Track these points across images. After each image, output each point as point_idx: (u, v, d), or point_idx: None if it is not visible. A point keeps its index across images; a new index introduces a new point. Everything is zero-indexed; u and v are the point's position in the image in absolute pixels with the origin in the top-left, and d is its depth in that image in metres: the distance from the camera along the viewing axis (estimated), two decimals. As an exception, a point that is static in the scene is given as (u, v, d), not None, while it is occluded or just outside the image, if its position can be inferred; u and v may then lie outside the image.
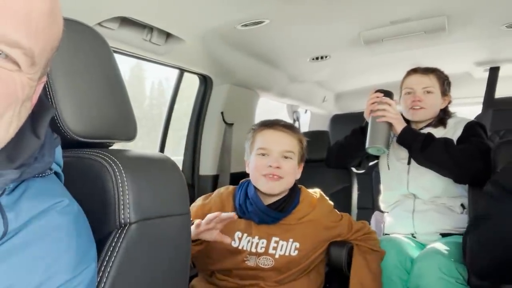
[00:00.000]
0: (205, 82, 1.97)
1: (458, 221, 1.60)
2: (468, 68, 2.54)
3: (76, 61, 0.68)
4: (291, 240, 1.23)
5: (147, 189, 0.61)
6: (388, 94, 1.61)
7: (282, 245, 1.22)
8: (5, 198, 0.45)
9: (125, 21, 1.24)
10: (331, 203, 1.36)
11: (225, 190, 1.35)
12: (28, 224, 0.44)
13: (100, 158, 0.61)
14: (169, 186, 0.67)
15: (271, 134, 1.24)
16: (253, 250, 1.22)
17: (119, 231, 0.56)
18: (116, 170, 0.59)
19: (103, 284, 0.52)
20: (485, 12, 1.57)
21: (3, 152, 0.46)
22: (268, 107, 3.06)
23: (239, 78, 2.02)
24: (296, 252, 1.22)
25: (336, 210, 1.36)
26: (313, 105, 3.07)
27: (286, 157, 1.24)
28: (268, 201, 1.26)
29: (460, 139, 1.59)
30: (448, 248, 1.43)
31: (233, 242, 1.24)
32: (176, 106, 1.92)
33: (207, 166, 2.04)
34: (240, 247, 1.24)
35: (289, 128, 1.27)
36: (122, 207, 0.57)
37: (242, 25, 1.41)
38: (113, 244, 0.55)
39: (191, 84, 2.03)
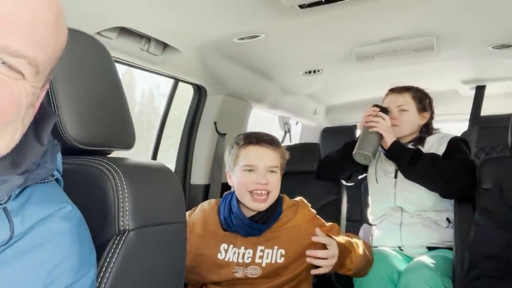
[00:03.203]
0: (199, 92, 2.00)
1: (444, 235, 1.64)
2: (455, 86, 2.61)
3: (78, 70, 0.70)
4: (276, 247, 1.24)
5: (145, 197, 0.63)
6: (384, 110, 1.66)
7: (267, 253, 1.24)
8: (11, 203, 0.46)
9: (124, 31, 1.26)
10: (313, 211, 1.37)
11: (207, 205, 1.36)
12: (33, 229, 0.46)
13: (100, 165, 0.63)
14: (167, 195, 0.69)
15: (257, 150, 1.26)
16: (240, 260, 1.23)
17: (118, 238, 0.58)
18: (117, 178, 0.61)
19: (102, 290, 0.53)
20: (472, 33, 1.64)
21: (7, 158, 0.47)
22: (259, 118, 3.09)
23: (233, 89, 2.04)
24: (282, 259, 1.23)
25: (319, 217, 1.37)
26: (305, 118, 3.12)
27: (271, 171, 1.27)
28: (251, 213, 1.27)
29: (444, 154, 1.63)
30: (434, 262, 1.46)
31: (219, 255, 1.24)
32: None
33: (198, 176, 2.05)
34: (226, 259, 1.24)
35: (273, 143, 1.29)
36: (121, 214, 0.59)
37: (239, 39, 1.44)
38: (112, 250, 0.56)
39: (182, 92, 2.04)
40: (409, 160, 1.57)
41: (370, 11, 1.28)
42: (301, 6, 1.09)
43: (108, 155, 0.77)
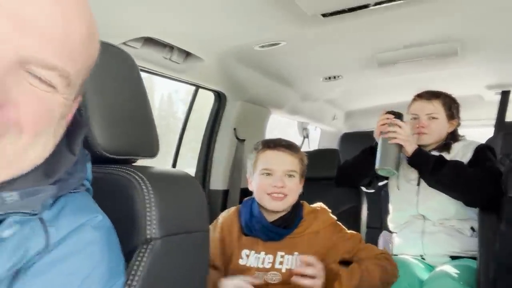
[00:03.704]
0: (219, 98, 2.02)
1: (468, 244, 1.60)
2: (479, 91, 2.56)
3: (107, 81, 0.72)
4: (296, 253, 1.25)
5: (171, 206, 0.64)
6: (398, 116, 1.62)
7: (287, 259, 1.25)
8: (46, 213, 0.48)
9: (148, 40, 1.29)
10: (334, 217, 1.36)
11: (227, 213, 1.37)
12: (66, 239, 0.47)
13: (128, 174, 0.65)
14: (191, 203, 0.70)
15: (274, 154, 1.29)
16: (260, 266, 1.25)
17: (145, 246, 0.59)
18: (144, 187, 0.62)
19: (129, 298, 0.55)
20: (497, 39, 1.60)
21: (40, 168, 0.49)
22: (277, 123, 3.10)
23: (252, 95, 2.06)
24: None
25: (339, 223, 1.36)
26: (323, 123, 3.10)
27: (289, 176, 1.28)
28: (273, 217, 1.29)
29: (470, 162, 1.60)
30: (457, 271, 1.43)
31: (241, 260, 1.26)
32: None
33: (218, 181, 2.07)
34: (248, 265, 1.25)
35: (291, 148, 1.31)
36: (149, 223, 0.60)
37: (260, 46, 1.46)
38: (139, 259, 0.58)
39: (202, 99, 2.06)
40: (432, 168, 1.54)
41: (393, 18, 1.27)
42: (324, 15, 1.10)
43: (133, 163, 0.80)
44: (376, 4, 1.05)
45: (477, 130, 3.21)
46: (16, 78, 0.42)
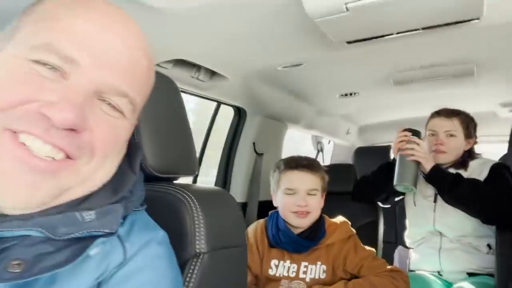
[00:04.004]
0: (239, 114, 2.08)
1: (485, 261, 1.62)
2: (494, 108, 2.59)
3: (155, 105, 0.79)
4: (319, 263, 1.32)
5: (216, 222, 0.70)
6: (416, 133, 1.66)
7: (311, 269, 1.31)
8: (120, 230, 0.54)
9: (178, 61, 1.36)
10: (353, 230, 1.41)
11: (255, 228, 1.43)
12: (137, 253, 0.53)
13: (177, 193, 0.71)
14: (231, 219, 0.76)
15: (297, 175, 1.35)
16: (285, 274, 1.32)
17: (195, 260, 0.65)
18: (192, 204, 0.68)
19: (184, 309, 0.60)
20: (511, 59, 1.65)
21: (109, 186, 0.55)
22: (292, 136, 3.15)
23: (271, 111, 2.12)
24: (325, 274, 1.31)
25: (357, 238, 1.39)
26: (337, 137, 3.15)
27: (311, 194, 1.35)
28: (297, 231, 1.36)
29: (486, 180, 1.63)
30: (476, 288, 1.45)
31: (270, 270, 1.34)
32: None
33: (236, 194, 2.12)
34: (277, 275, 1.33)
35: (312, 167, 1.37)
36: (197, 237, 0.66)
37: (283, 67, 1.52)
38: (190, 272, 0.63)
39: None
40: (449, 185, 1.57)
41: (411, 42, 1.32)
42: (348, 42, 1.16)
43: (174, 181, 0.86)
44: (398, 32, 1.11)
45: (491, 146, 3.23)
46: (91, 106, 0.49)
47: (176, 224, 0.67)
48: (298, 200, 1.32)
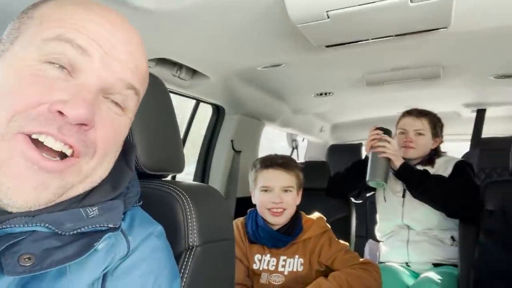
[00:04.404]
0: (218, 112, 2.12)
1: (449, 252, 1.75)
2: (457, 109, 2.74)
3: (145, 105, 0.81)
4: (296, 256, 1.39)
5: (206, 216, 0.74)
6: (387, 132, 1.76)
7: (289, 262, 1.38)
8: (123, 225, 0.57)
9: (161, 60, 1.38)
10: (328, 225, 1.49)
11: (237, 226, 1.48)
12: (139, 246, 0.56)
13: (168, 189, 0.74)
14: (220, 214, 0.79)
15: (272, 173, 1.41)
16: (265, 267, 1.39)
17: (188, 253, 0.68)
18: (184, 200, 0.72)
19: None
20: (476, 65, 1.77)
21: (109, 182, 0.58)
22: (267, 134, 3.21)
23: (249, 109, 2.17)
24: (302, 267, 1.38)
25: (331, 232, 1.47)
26: (311, 135, 3.24)
27: (286, 191, 1.40)
28: (276, 227, 1.42)
29: (450, 176, 1.74)
30: (441, 278, 1.56)
31: (254, 265, 1.40)
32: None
33: (214, 190, 2.15)
34: (260, 268, 1.40)
35: (286, 165, 1.43)
36: (190, 231, 0.69)
37: (263, 67, 1.57)
38: (184, 264, 0.67)
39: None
40: (417, 181, 1.68)
41: (384, 46, 1.40)
42: (327, 46, 1.22)
43: (163, 178, 0.88)
44: (373, 38, 1.19)
45: (455, 144, 3.42)
46: (97, 104, 0.51)
47: (169, 219, 0.71)
48: (273, 197, 1.38)
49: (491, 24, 1.20)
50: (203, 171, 2.15)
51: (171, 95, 1.73)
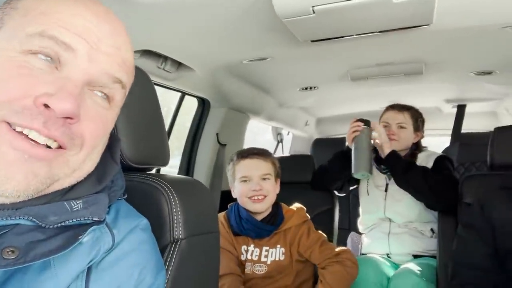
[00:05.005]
0: (203, 105, 2.11)
1: (429, 244, 1.80)
2: (438, 104, 2.81)
3: (130, 98, 0.81)
4: (278, 246, 1.44)
5: (191, 210, 0.74)
6: (367, 123, 1.79)
7: (272, 252, 1.43)
8: (108, 218, 0.57)
9: (146, 51, 1.37)
10: (308, 215, 1.53)
11: (220, 220, 1.50)
12: (125, 239, 0.56)
13: (153, 182, 0.74)
14: (205, 207, 0.80)
15: (249, 162, 1.45)
16: (249, 257, 1.43)
17: (173, 245, 0.69)
18: (169, 193, 0.72)
19: (164, 290, 0.64)
20: (457, 62, 1.82)
21: (94, 175, 0.57)
22: (251, 127, 3.22)
23: (235, 103, 2.17)
24: (283, 256, 1.42)
25: (311, 222, 1.52)
26: (296, 129, 3.26)
27: (264, 179, 1.44)
28: (259, 217, 1.46)
29: (431, 170, 1.79)
30: (420, 269, 1.61)
31: (242, 256, 1.44)
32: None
33: (200, 184, 2.15)
34: (244, 259, 1.44)
35: (262, 154, 1.48)
36: (175, 224, 0.70)
37: (248, 61, 1.57)
38: (170, 256, 0.67)
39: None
40: (403, 169, 1.72)
41: (368, 42, 1.42)
42: (313, 41, 1.23)
43: (148, 171, 0.88)
44: (357, 34, 1.20)
45: (435, 139, 3.50)
46: (83, 97, 0.51)
47: (154, 212, 0.71)
48: (253, 185, 1.42)
49: (472, 22, 1.24)
50: (188, 164, 2.15)
51: (156, 87, 1.73)
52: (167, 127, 2.05)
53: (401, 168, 1.73)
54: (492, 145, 1.52)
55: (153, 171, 0.93)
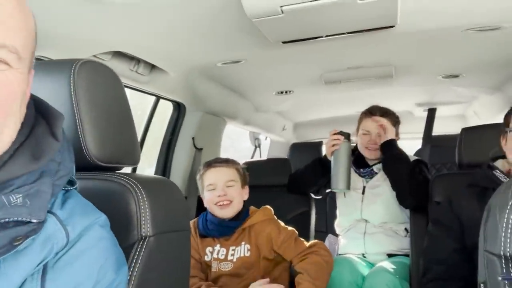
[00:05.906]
0: (179, 109, 2.10)
1: (402, 243, 1.84)
2: (410, 108, 2.89)
3: (97, 96, 0.80)
4: (243, 243, 1.48)
5: (160, 208, 0.73)
6: (347, 136, 1.80)
7: (237, 250, 1.47)
8: (60, 213, 0.54)
9: (117, 53, 1.35)
10: (274, 215, 1.56)
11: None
12: (81, 236, 0.54)
13: (122, 181, 0.73)
14: (175, 205, 0.79)
15: (214, 171, 1.51)
16: (215, 257, 1.47)
17: (141, 243, 0.68)
18: (136, 190, 0.71)
19: (130, 287, 0.63)
20: (426, 65, 1.88)
21: (26, 152, 0.52)
22: (229, 132, 3.22)
23: (210, 107, 2.16)
24: (249, 253, 1.46)
25: (277, 220, 1.55)
26: (274, 133, 3.28)
27: (229, 186, 1.49)
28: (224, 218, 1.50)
29: None
30: (394, 267, 1.64)
31: (206, 257, 1.48)
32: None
33: (176, 189, 2.13)
34: (211, 259, 1.48)
35: (227, 162, 1.54)
36: (143, 222, 0.69)
37: (222, 63, 1.58)
38: (137, 253, 0.66)
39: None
40: (396, 157, 1.79)
41: (339, 44, 1.46)
42: (283, 42, 1.25)
43: (117, 171, 0.87)
44: (327, 36, 1.23)
45: (408, 142, 3.59)
46: None
47: (121, 209, 0.70)
48: (218, 192, 1.47)
49: (435, 25, 1.28)
50: (163, 168, 2.13)
51: (130, 90, 1.71)
52: (141, 133, 2.03)
53: (394, 155, 1.80)
54: (460, 145, 1.58)
55: (129, 172, 0.92)
